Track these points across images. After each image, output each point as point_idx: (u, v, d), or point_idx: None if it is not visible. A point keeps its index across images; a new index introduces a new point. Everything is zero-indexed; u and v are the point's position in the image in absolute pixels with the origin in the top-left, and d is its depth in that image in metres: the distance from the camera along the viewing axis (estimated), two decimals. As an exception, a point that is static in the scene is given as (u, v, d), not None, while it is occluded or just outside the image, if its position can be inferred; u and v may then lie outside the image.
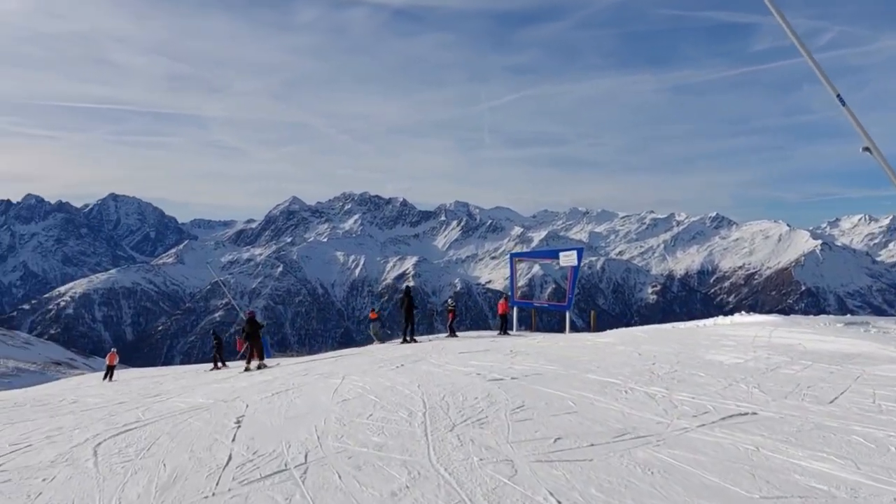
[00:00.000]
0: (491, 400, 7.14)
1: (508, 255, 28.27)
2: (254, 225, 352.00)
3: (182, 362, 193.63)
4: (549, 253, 55.30)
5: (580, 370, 8.81)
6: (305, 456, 5.58)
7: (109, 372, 25.91)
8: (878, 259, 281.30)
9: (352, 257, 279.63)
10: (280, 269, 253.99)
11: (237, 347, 39.90)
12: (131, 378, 24.82)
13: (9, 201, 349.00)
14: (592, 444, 5.25)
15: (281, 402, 8.34)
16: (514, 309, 27.57)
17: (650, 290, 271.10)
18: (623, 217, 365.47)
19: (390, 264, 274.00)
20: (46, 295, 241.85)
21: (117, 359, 27.39)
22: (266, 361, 18.71)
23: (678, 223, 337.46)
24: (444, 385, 8.36)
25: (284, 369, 14.58)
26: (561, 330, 27.79)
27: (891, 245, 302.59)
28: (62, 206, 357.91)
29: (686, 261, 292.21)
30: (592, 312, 25.90)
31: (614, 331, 16.94)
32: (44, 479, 5.88)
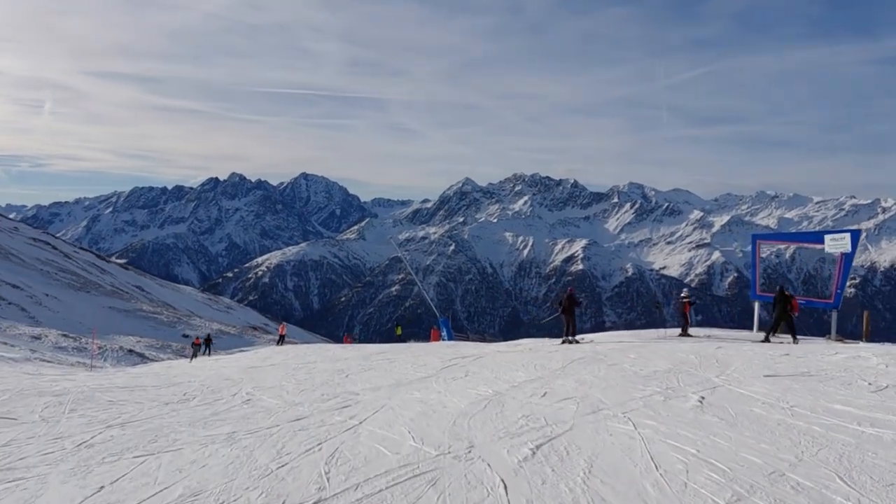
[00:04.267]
0: None
1: (751, 237, 22.62)
2: (429, 205, 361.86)
3: (361, 332, 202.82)
4: (804, 236, 47.24)
5: None
6: None
7: (281, 340, 34.73)
8: None
9: (520, 238, 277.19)
10: (452, 247, 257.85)
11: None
12: (317, 359, 22.78)
13: (217, 179, 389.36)
14: None
15: (570, 495, 4.52)
16: (756, 304, 22.08)
17: (847, 283, 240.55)
18: (818, 202, 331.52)
19: (558, 246, 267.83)
20: (247, 265, 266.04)
21: (286, 329, 37.10)
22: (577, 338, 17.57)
23: (884, 210, 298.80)
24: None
25: (501, 376, 10.93)
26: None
27: None
28: (261, 184, 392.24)
29: (892, 252, 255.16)
30: (866, 313, 19.68)
31: None
32: None
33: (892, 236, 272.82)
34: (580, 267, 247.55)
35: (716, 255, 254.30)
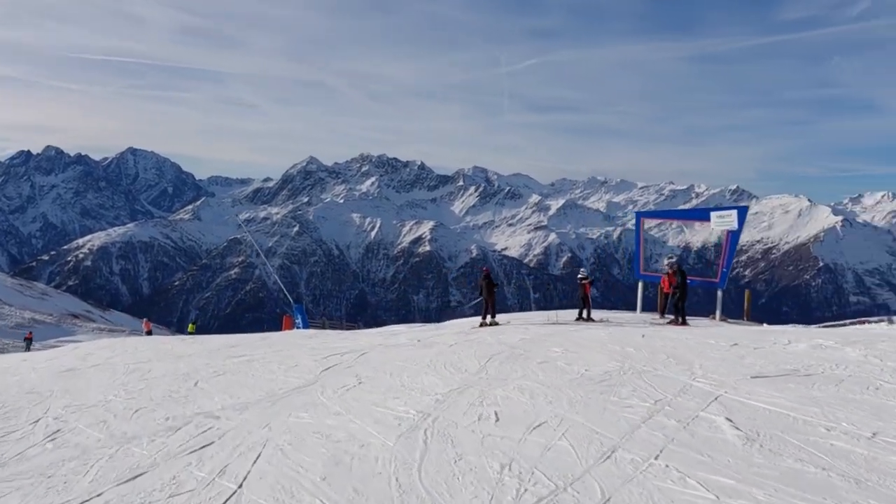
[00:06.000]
0: None
1: (635, 214, 21.86)
2: (271, 184, 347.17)
3: (197, 318, 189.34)
4: (689, 213, 48.24)
5: None
6: None
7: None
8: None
9: (368, 220, 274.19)
10: (296, 228, 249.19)
11: (284, 326, 34.12)
12: (152, 357, 18.70)
13: (29, 152, 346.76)
14: None
15: None
16: (641, 284, 21.40)
17: (665, 262, 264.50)
18: (642, 187, 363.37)
19: (406, 228, 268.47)
20: (65, 246, 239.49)
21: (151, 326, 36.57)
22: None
23: (697, 195, 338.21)
24: None
25: (410, 383, 8.43)
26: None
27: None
28: (81, 159, 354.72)
29: (703, 233, 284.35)
30: (747, 292, 19.53)
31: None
32: None
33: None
34: (427, 248, 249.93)
35: (552, 236, 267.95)
